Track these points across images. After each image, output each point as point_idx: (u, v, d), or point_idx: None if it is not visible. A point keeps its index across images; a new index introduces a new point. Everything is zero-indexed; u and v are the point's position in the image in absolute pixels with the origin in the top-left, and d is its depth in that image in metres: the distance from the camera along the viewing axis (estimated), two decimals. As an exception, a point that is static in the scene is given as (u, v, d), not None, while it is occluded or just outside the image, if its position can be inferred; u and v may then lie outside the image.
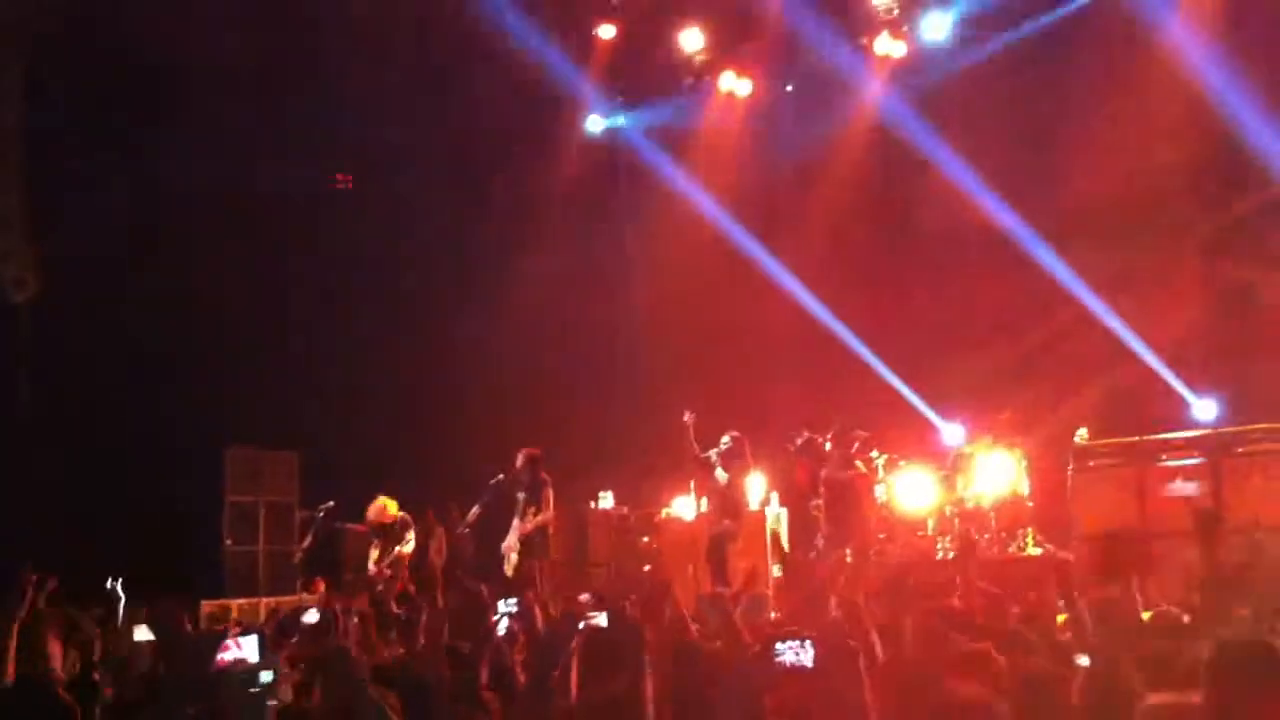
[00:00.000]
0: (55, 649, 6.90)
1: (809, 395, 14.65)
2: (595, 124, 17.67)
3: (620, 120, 17.69)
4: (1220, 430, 12.54)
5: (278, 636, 8.80)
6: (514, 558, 12.41)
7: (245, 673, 6.56)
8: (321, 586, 12.34)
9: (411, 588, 12.71)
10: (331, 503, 13.46)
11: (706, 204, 16.69)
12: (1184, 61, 14.42)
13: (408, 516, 12.88)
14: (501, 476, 13.04)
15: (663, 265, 16.63)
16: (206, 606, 12.94)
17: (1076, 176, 15.69)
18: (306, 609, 9.77)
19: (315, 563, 13.52)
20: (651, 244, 16.77)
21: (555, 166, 17.01)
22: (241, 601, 13.53)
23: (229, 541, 14.29)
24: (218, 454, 14.41)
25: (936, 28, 16.11)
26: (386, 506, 12.79)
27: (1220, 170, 14.91)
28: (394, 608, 11.01)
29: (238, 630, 9.10)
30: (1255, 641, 4.32)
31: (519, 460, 12.62)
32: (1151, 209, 15.34)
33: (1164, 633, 6.09)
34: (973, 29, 16.01)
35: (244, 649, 6.93)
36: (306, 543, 13.47)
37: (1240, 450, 12.08)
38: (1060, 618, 7.07)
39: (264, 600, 13.43)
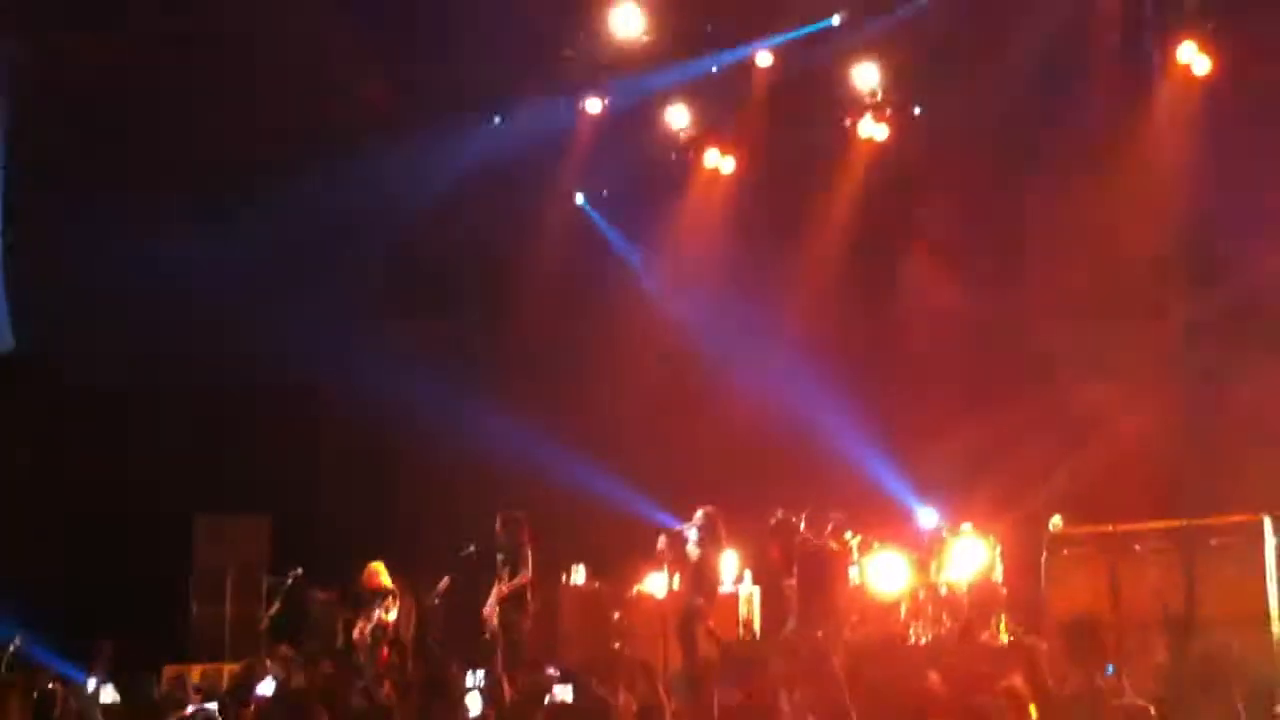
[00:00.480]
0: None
1: (785, 475, 14.62)
2: (579, 197, 17.76)
3: (604, 193, 17.77)
4: (1194, 521, 12.54)
5: (233, 704, 8.72)
6: (494, 621, 12.37)
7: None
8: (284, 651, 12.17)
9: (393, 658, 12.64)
10: (300, 569, 13.35)
11: (688, 280, 16.76)
12: (1159, 150, 14.64)
13: (392, 586, 12.80)
14: (473, 548, 12.99)
15: (642, 340, 16.65)
16: (169, 670, 12.78)
17: (1052, 260, 15.84)
18: (260, 675, 9.68)
19: (281, 629, 13.38)
20: (630, 317, 16.77)
21: (538, 241, 17.06)
22: (205, 666, 13.34)
23: (195, 606, 14.11)
24: (189, 517, 14.27)
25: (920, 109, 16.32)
26: (379, 573, 12.73)
27: (1194, 260, 15.06)
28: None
29: (199, 698, 9.00)
30: None
31: (497, 524, 12.62)
32: (1125, 297, 15.49)
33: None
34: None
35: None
36: (274, 609, 13.33)
37: (1213, 542, 12.11)
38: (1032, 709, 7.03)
39: (227, 666, 13.26)
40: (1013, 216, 15.89)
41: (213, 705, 9.21)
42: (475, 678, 9.33)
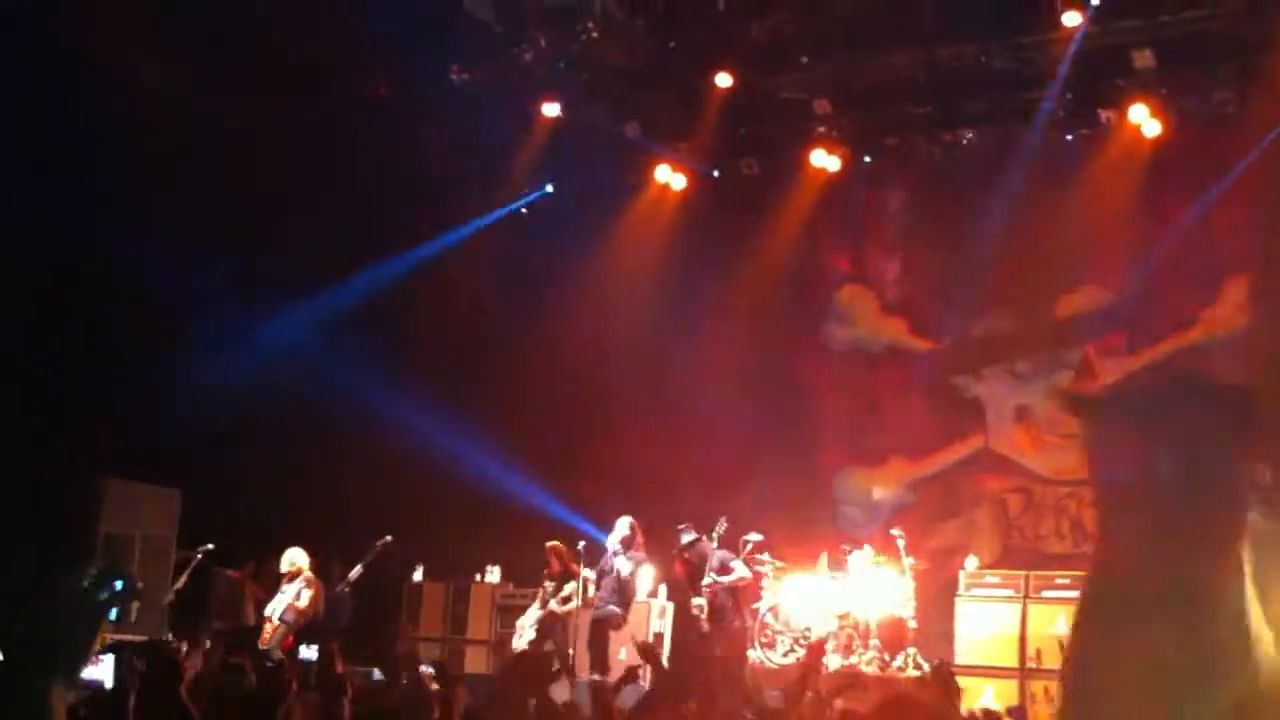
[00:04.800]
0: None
1: (715, 491, 14.58)
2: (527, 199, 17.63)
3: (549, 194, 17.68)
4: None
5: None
6: (525, 637, 12.61)
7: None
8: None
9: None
10: (210, 545, 13.12)
11: (628, 290, 16.72)
12: (1098, 210, 14.87)
13: (313, 575, 12.57)
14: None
15: (575, 344, 16.58)
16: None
17: (990, 307, 16.05)
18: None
19: (186, 605, 13.15)
20: (566, 321, 16.69)
21: (473, 239, 16.93)
22: (103, 636, 13.02)
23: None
24: (96, 484, 13.94)
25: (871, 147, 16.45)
26: (298, 560, 12.51)
27: (1124, 320, 15.34)
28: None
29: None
30: None
31: (551, 558, 13.06)
32: (1057, 349, 15.73)
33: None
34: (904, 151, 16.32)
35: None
36: (179, 584, 13.08)
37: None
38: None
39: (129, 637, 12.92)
40: (960, 258, 16.05)
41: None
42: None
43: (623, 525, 12.65)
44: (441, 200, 16.41)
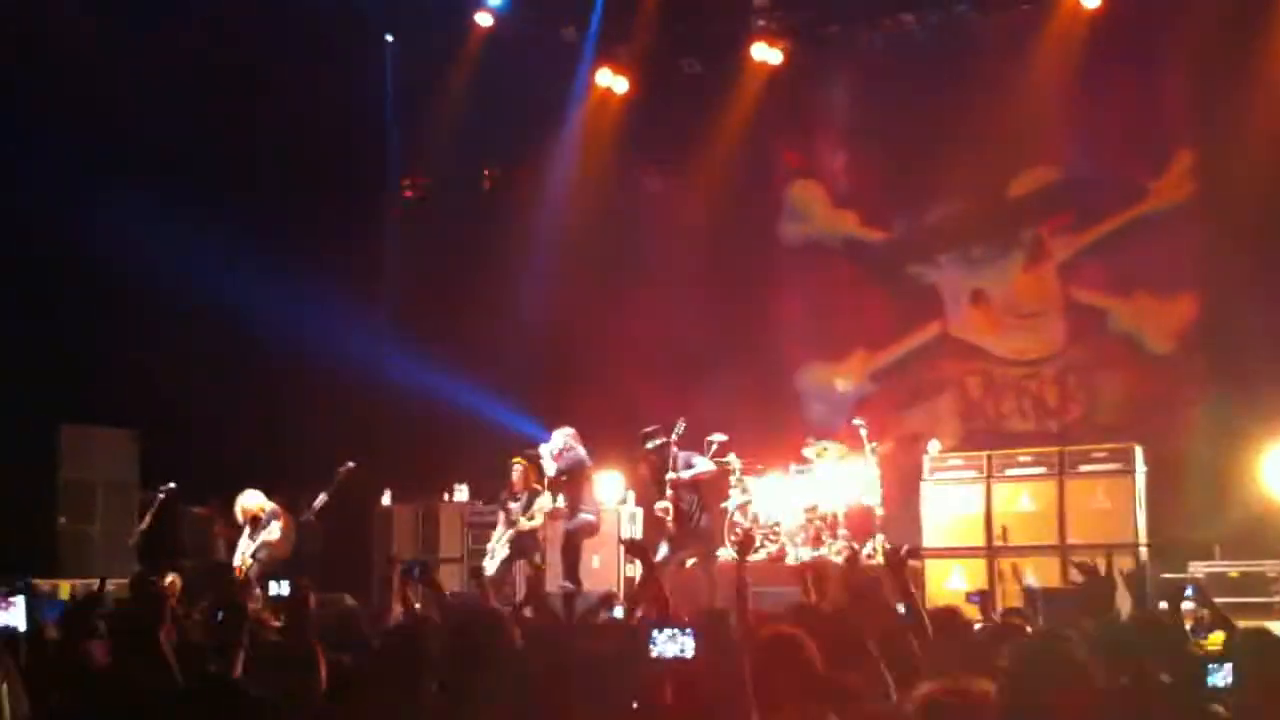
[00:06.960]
0: None
1: (677, 397, 14.56)
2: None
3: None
4: (1065, 448, 12.82)
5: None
6: (499, 556, 12.51)
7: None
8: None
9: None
10: (172, 484, 13.03)
11: (577, 198, 16.57)
12: (1043, 89, 14.75)
13: (277, 507, 12.50)
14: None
15: (527, 259, 16.47)
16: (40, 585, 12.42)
17: (941, 194, 15.98)
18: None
19: (153, 546, 13.07)
20: (515, 237, 16.56)
21: (422, 155, 16.72)
22: (76, 581, 12.97)
23: (63, 520, 13.70)
24: (53, 431, 13.81)
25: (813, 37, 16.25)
26: (251, 504, 12.42)
27: (1075, 197, 15.30)
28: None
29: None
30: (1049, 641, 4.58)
31: (516, 474, 12.71)
32: (1009, 231, 15.71)
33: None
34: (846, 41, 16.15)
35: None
36: (144, 524, 13.00)
37: (1083, 468, 12.40)
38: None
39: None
40: (903, 148, 15.93)
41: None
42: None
43: (559, 437, 12.61)
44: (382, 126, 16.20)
